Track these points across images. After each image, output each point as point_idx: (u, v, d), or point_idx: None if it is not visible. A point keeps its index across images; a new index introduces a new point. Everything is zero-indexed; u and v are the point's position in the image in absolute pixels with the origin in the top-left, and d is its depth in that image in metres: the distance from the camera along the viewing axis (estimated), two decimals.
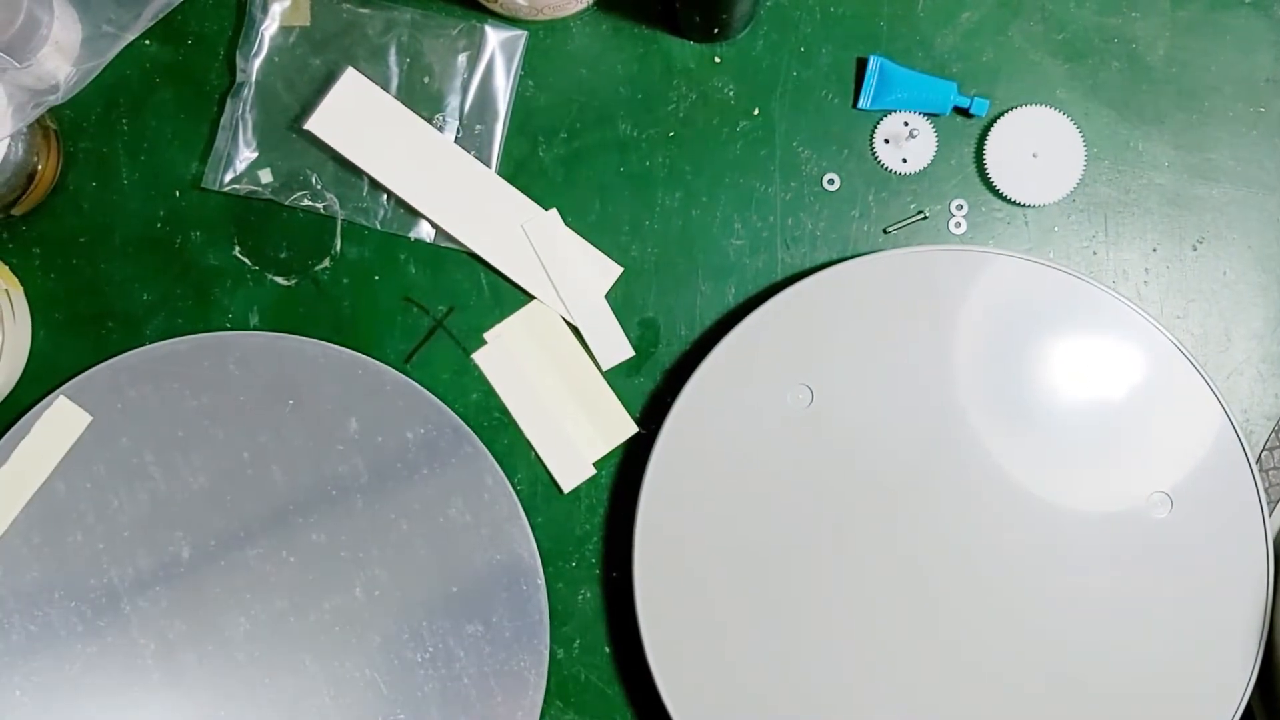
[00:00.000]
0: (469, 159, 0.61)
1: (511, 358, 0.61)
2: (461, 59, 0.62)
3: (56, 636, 0.59)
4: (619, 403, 0.61)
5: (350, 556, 0.59)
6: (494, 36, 0.61)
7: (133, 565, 0.59)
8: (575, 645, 0.61)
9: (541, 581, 0.59)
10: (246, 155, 0.61)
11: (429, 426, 0.59)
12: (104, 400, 0.60)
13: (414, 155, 0.60)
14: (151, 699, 0.59)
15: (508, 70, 0.62)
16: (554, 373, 0.61)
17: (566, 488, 0.61)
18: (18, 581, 0.59)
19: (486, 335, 0.61)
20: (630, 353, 0.61)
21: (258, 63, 0.61)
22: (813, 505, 0.58)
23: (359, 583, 0.59)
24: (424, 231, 0.61)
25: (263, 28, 0.61)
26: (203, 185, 0.61)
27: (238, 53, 0.61)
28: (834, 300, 0.58)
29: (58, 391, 0.60)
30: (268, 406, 0.60)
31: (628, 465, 0.61)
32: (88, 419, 0.59)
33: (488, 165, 0.61)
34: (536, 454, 0.61)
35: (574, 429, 0.61)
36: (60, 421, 0.59)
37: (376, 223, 0.61)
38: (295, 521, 0.59)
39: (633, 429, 0.61)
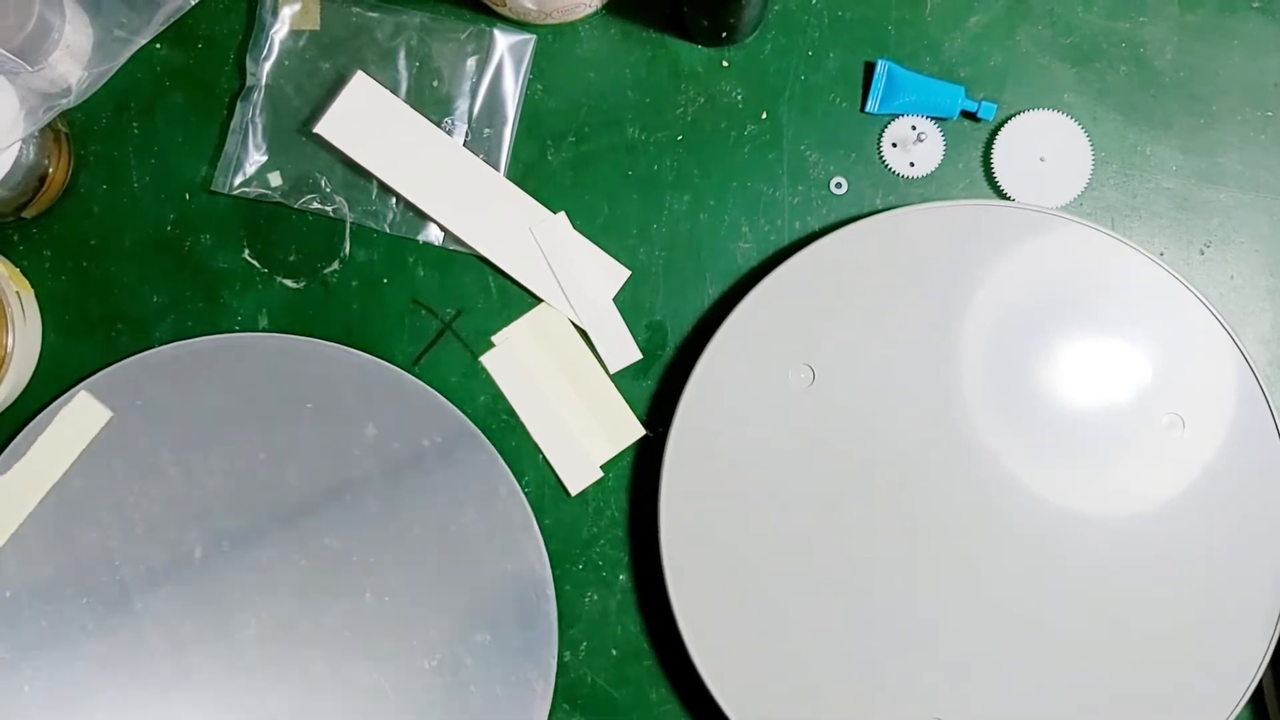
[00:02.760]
0: (477, 162, 0.61)
1: (519, 361, 0.61)
2: (470, 63, 0.62)
3: (67, 632, 0.59)
4: (626, 405, 0.61)
5: (362, 561, 0.59)
6: (503, 40, 0.62)
7: (145, 563, 0.59)
8: (582, 648, 0.61)
9: (551, 593, 0.59)
10: (256, 159, 0.61)
11: (445, 434, 0.59)
12: (124, 397, 0.60)
13: (423, 159, 0.61)
14: (160, 698, 0.59)
15: (516, 74, 0.62)
16: (561, 376, 0.61)
17: (574, 490, 0.61)
18: (31, 576, 0.59)
19: (494, 338, 0.61)
20: (638, 355, 0.61)
21: (267, 66, 0.62)
22: (826, 487, 0.58)
23: (369, 588, 0.59)
24: (432, 234, 0.61)
25: (272, 31, 0.62)
26: (212, 188, 0.62)
27: (248, 56, 0.62)
28: (831, 272, 0.59)
29: (79, 386, 0.60)
30: (285, 409, 0.60)
31: (635, 468, 0.61)
32: (108, 415, 0.60)
33: (496, 169, 0.61)
34: (544, 457, 0.61)
35: (581, 432, 0.61)
36: (80, 416, 0.59)
37: (385, 226, 0.61)
38: (308, 525, 0.59)
39: (640, 431, 0.61)
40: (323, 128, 0.60)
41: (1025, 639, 0.57)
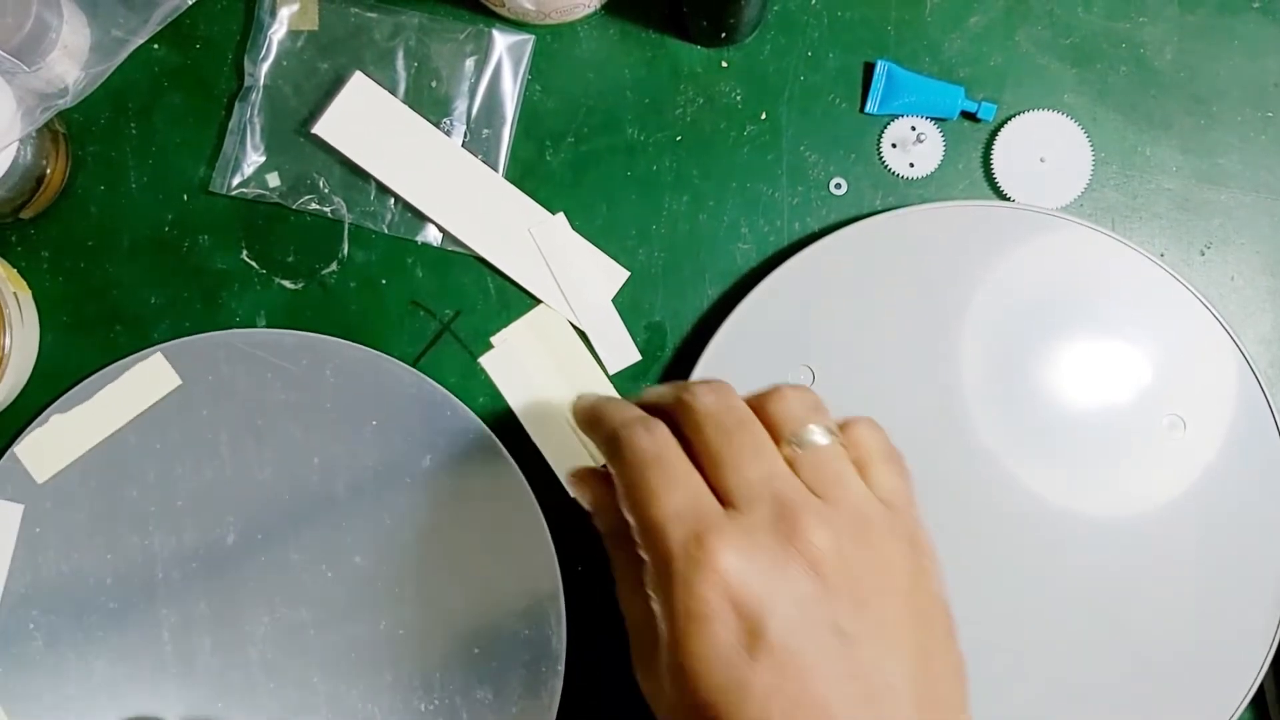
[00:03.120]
0: (476, 163, 0.61)
1: (518, 362, 0.61)
2: (469, 63, 0.62)
3: (84, 582, 0.59)
4: None
5: (385, 589, 0.59)
6: (501, 41, 0.62)
7: (176, 535, 0.59)
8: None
9: (561, 669, 0.58)
10: (254, 159, 0.61)
11: (500, 490, 0.59)
12: (197, 369, 0.60)
13: (421, 159, 0.61)
14: (156, 670, 0.58)
15: (515, 74, 0.62)
16: (560, 376, 0.61)
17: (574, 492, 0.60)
18: (63, 518, 0.59)
19: (493, 339, 0.61)
20: (637, 357, 0.61)
21: (265, 67, 0.61)
22: None
23: (385, 617, 0.58)
24: (431, 235, 0.61)
25: (271, 32, 0.61)
26: (210, 189, 0.61)
27: (246, 57, 0.61)
28: (830, 273, 0.58)
29: (155, 348, 0.60)
30: (351, 421, 0.59)
31: None
32: (177, 382, 0.60)
33: (495, 169, 0.61)
34: (543, 456, 0.61)
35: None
36: (150, 376, 0.59)
37: (384, 226, 0.61)
38: (344, 540, 0.59)
39: None
40: (321, 128, 0.60)
41: (1025, 640, 0.57)
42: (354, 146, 0.60)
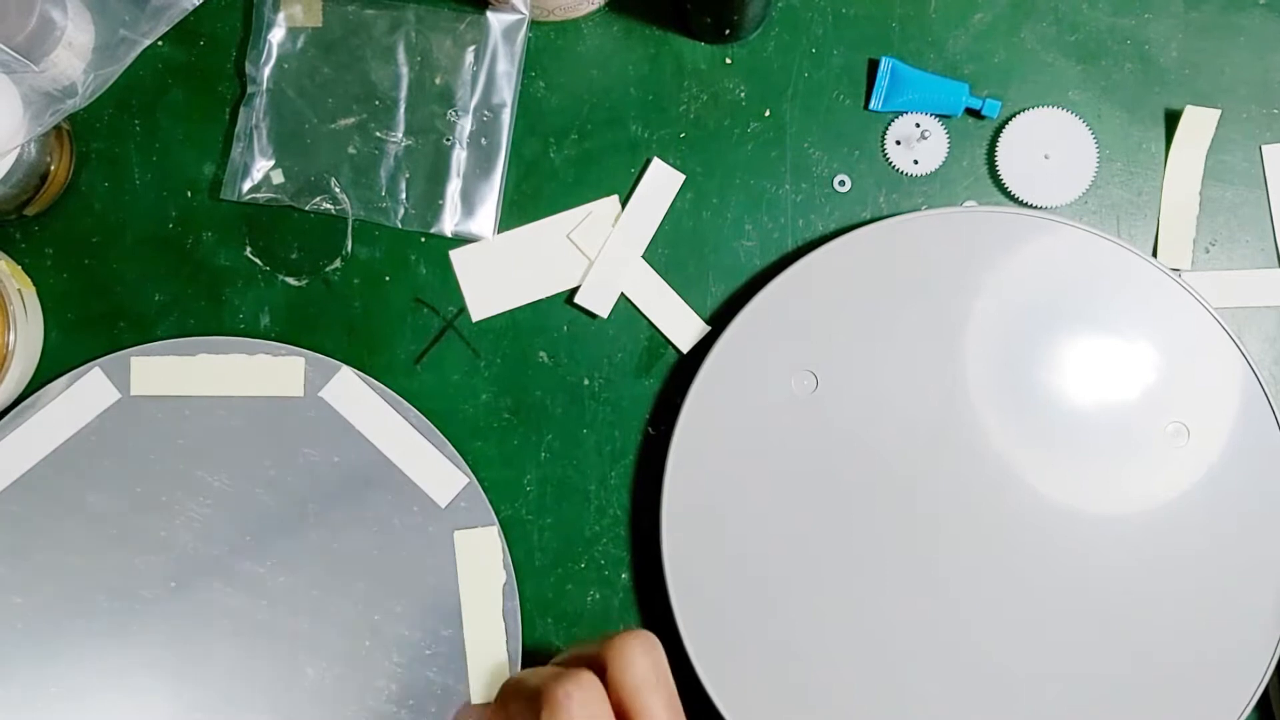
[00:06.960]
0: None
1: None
2: (469, 51, 0.62)
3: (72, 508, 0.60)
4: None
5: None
6: (496, 23, 0.61)
7: (193, 511, 0.60)
8: None
9: None
10: (263, 164, 0.61)
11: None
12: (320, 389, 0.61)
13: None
14: (147, 620, 0.60)
15: (511, 54, 0.61)
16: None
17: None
18: (148, 433, 0.60)
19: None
20: (705, 327, 0.61)
21: (268, 70, 0.61)
22: (829, 491, 0.58)
23: (310, 663, 0.59)
24: (446, 226, 0.61)
25: (272, 31, 0.61)
26: (222, 196, 0.61)
27: (247, 60, 0.61)
28: (833, 278, 0.58)
29: (305, 354, 0.60)
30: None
31: (637, 467, 0.61)
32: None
33: (498, 149, 0.61)
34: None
35: None
36: (285, 373, 0.60)
37: (397, 221, 0.61)
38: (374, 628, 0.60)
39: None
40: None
41: (1031, 644, 0.57)
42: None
